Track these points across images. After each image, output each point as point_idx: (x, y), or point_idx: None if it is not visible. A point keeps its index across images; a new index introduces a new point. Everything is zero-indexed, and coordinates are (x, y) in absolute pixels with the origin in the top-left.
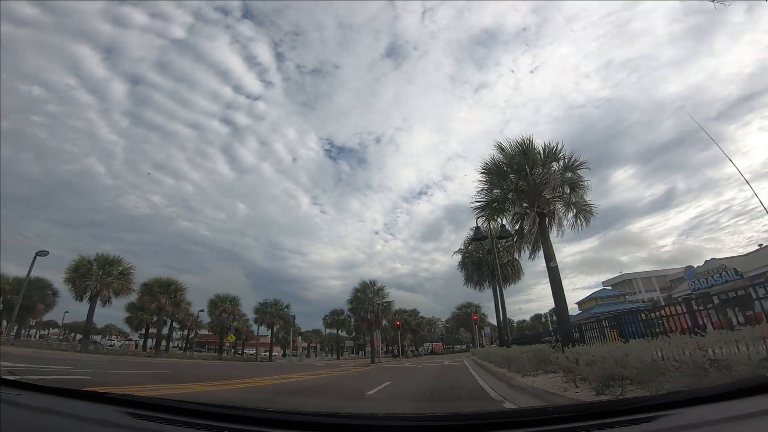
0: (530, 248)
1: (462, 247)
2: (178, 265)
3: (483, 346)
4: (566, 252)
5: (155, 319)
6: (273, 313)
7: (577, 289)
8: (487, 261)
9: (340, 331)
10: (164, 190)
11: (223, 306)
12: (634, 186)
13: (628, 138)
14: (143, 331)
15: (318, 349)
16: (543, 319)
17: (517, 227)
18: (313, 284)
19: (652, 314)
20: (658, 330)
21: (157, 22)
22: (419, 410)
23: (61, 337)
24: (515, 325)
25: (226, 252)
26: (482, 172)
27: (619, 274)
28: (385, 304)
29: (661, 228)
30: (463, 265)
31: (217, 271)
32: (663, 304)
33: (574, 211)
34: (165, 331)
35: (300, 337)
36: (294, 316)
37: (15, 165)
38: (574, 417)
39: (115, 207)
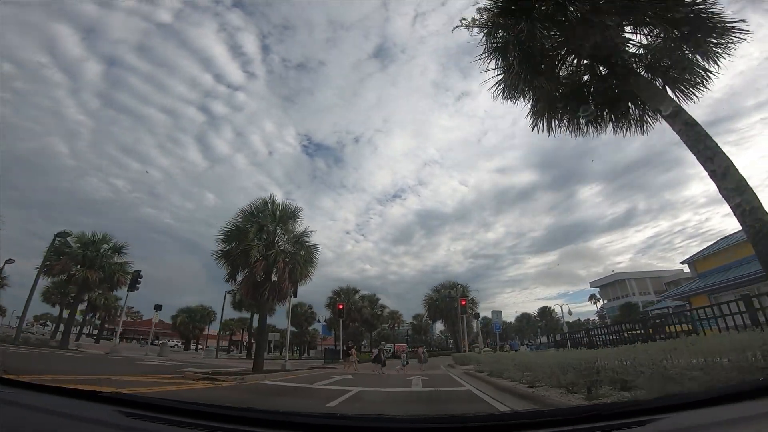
0: None
1: None
2: (134, 252)
3: (477, 350)
4: (530, 263)
5: None
6: (75, 255)
7: (539, 299)
8: None
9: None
10: (129, 174)
11: None
12: (599, 204)
13: (597, 156)
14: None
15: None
16: (552, 311)
17: None
18: None
19: None
20: None
21: (144, 5)
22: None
23: None
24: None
25: (190, 242)
26: None
27: (612, 273)
28: (303, 253)
29: (619, 245)
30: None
31: (176, 260)
32: None
33: None
34: None
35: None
36: (138, 272)
37: None
38: (568, 420)
39: (73, 189)
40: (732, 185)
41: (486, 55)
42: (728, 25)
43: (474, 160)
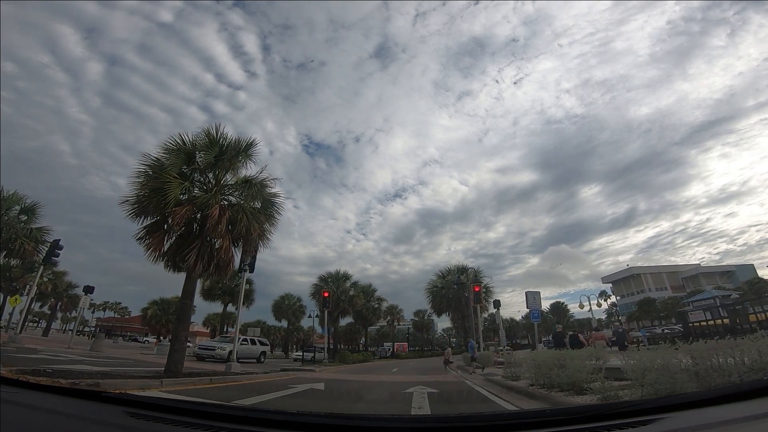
0: None
1: None
2: (133, 250)
3: (494, 348)
4: (531, 263)
5: None
6: None
7: (543, 299)
8: None
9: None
10: (130, 172)
11: None
12: (599, 204)
13: (597, 156)
14: None
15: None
16: (565, 307)
17: None
18: (280, 279)
19: None
20: None
21: (145, 5)
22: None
23: None
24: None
25: None
26: None
27: (626, 267)
28: (257, 204)
29: (620, 245)
30: None
31: None
32: None
33: None
34: None
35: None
36: (57, 241)
37: None
38: (569, 420)
39: (74, 187)
40: None
41: None
42: None
43: (475, 159)
